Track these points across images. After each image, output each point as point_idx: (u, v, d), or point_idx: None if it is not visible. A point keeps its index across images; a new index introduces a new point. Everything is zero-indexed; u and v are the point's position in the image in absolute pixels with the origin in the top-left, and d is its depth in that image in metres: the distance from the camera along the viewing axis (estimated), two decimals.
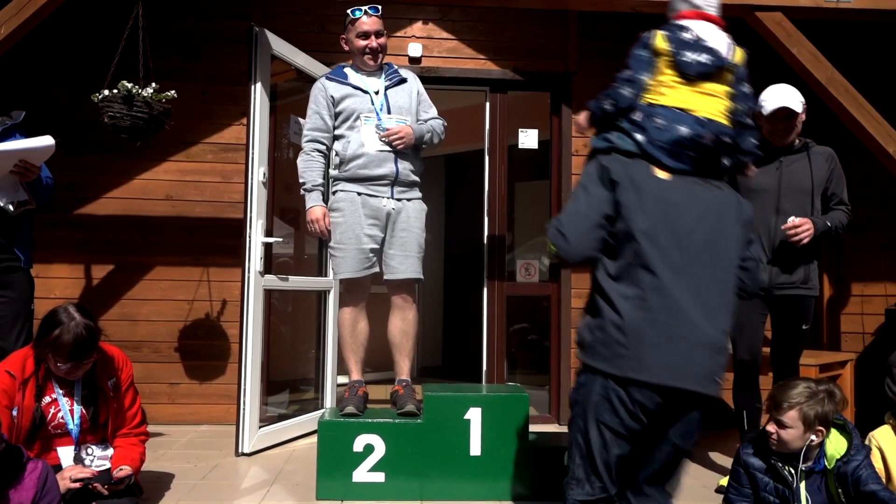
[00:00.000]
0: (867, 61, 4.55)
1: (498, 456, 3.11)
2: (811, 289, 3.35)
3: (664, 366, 2.01)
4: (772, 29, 3.71)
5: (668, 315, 2.03)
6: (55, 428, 2.70)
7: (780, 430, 2.52)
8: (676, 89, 2.18)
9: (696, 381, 2.04)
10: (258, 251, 3.83)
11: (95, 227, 4.55)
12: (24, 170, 3.20)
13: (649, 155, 2.15)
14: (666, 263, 2.05)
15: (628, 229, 2.07)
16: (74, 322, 2.61)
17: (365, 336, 3.35)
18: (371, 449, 3.11)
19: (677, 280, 2.04)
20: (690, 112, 2.16)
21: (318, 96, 3.35)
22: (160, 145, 4.49)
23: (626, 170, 2.13)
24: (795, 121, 3.32)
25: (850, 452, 2.52)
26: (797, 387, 2.55)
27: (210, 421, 4.54)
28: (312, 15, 4.68)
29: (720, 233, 2.13)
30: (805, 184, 3.33)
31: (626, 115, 2.20)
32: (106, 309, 4.53)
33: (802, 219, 3.22)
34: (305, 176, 3.32)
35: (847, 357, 4.21)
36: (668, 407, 2.05)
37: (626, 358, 2.02)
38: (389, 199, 3.28)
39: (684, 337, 2.03)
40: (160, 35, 4.48)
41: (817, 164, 3.36)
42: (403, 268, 3.29)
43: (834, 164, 3.40)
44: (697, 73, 2.18)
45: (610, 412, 2.06)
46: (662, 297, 2.03)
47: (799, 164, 3.36)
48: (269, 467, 3.60)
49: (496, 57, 4.85)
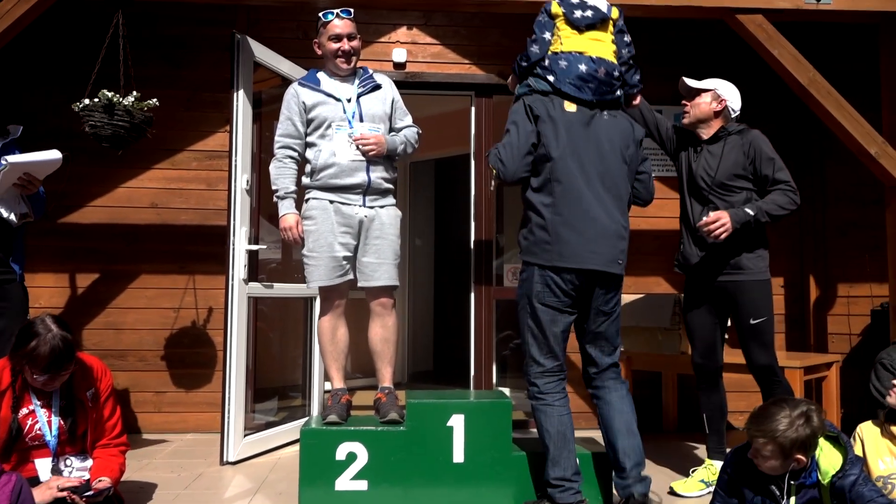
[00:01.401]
0: (848, 63, 4.57)
1: (481, 463, 3.10)
2: (745, 272, 3.25)
3: (577, 254, 2.75)
4: (752, 31, 3.72)
5: (575, 216, 2.76)
6: (32, 440, 2.69)
7: (760, 460, 2.47)
8: (571, 38, 2.88)
9: (601, 262, 2.79)
10: (242, 259, 3.82)
11: (80, 235, 4.55)
12: (27, 182, 3.22)
13: (560, 91, 2.83)
14: (572, 176, 2.78)
15: (546, 153, 2.79)
16: (51, 334, 2.59)
17: (345, 343, 3.33)
18: (354, 457, 3.09)
19: (581, 188, 2.77)
20: (585, 54, 2.86)
21: (291, 102, 3.30)
22: (145, 153, 4.48)
23: (544, 106, 2.82)
24: (691, 101, 3.39)
25: (846, 467, 2.45)
26: (773, 416, 2.42)
27: (197, 429, 4.53)
28: (296, 21, 4.68)
29: (614, 151, 2.86)
30: (713, 172, 3.30)
31: (537, 65, 2.88)
32: (91, 318, 4.53)
33: (717, 213, 3.16)
34: (278, 183, 3.29)
35: (833, 358, 4.21)
36: (586, 284, 2.80)
37: (551, 252, 2.76)
38: (362, 207, 3.26)
39: (589, 231, 2.76)
40: (144, 43, 4.48)
41: (732, 150, 3.30)
42: (378, 275, 3.26)
43: (755, 145, 3.28)
44: (585, 24, 2.88)
45: (549, 293, 2.78)
46: (571, 202, 2.77)
47: (712, 152, 3.35)
48: (254, 476, 3.58)
49: (481, 61, 4.85)
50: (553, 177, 2.79)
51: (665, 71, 4.64)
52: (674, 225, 4.85)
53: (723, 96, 3.37)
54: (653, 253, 4.86)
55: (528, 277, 2.83)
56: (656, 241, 4.85)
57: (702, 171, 3.34)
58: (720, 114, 3.38)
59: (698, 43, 4.95)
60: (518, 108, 2.89)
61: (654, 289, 4.79)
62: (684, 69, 4.90)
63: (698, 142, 3.42)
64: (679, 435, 4.57)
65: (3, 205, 3.24)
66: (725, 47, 4.81)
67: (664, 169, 4.88)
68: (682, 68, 4.91)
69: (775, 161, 3.26)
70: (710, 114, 3.37)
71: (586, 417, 4.75)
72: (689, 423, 4.73)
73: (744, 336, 3.30)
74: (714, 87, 3.38)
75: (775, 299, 4.89)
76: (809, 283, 4.86)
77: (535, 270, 2.80)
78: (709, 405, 3.41)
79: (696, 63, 4.92)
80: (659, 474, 3.65)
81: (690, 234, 3.39)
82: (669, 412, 4.70)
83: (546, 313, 2.80)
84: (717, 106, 3.36)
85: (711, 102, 3.36)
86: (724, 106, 3.37)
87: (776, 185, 3.24)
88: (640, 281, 4.82)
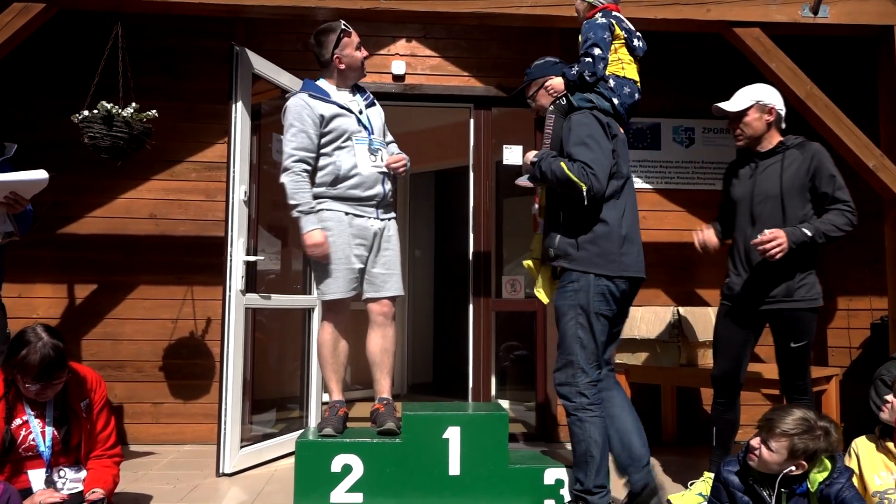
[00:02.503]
0: (846, 76, 4.57)
1: (477, 475, 3.09)
2: (798, 301, 3.09)
3: (636, 264, 2.97)
4: (750, 45, 3.73)
5: (635, 228, 3.00)
6: (26, 450, 2.68)
7: (763, 449, 2.48)
8: (631, 66, 3.08)
9: (643, 270, 3.03)
10: (239, 269, 3.82)
11: (79, 246, 4.55)
12: (13, 202, 3.22)
13: (620, 115, 3.01)
14: (631, 191, 3.03)
15: (618, 171, 2.95)
16: (42, 342, 2.59)
17: (346, 356, 3.33)
18: (349, 469, 3.08)
19: (629, 203, 3.00)
20: (636, 83, 3.07)
21: (303, 114, 3.22)
22: (144, 164, 4.49)
23: (614, 127, 2.97)
24: (739, 122, 3.20)
25: (833, 476, 2.47)
26: (795, 415, 2.45)
27: (195, 440, 4.51)
28: (295, 34, 4.70)
29: None
30: (774, 189, 3.12)
31: (600, 83, 3.00)
32: (89, 328, 4.52)
33: (773, 231, 2.99)
34: (297, 198, 3.20)
35: (833, 372, 4.18)
36: (630, 291, 2.99)
37: (618, 262, 2.89)
38: (376, 220, 3.30)
39: (637, 241, 3.00)
40: (144, 54, 4.50)
41: (791, 164, 3.12)
42: (388, 285, 3.30)
43: (816, 160, 3.08)
44: (642, 54, 3.13)
45: (604, 302, 2.88)
46: (633, 215, 3.01)
47: (772, 168, 3.16)
48: (250, 488, 3.57)
49: (480, 73, 4.86)
50: (621, 191, 2.96)
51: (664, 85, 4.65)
52: (673, 237, 4.87)
53: (768, 104, 3.18)
54: (652, 265, 4.83)
55: (583, 288, 2.87)
56: (656, 253, 4.84)
57: (759, 188, 3.17)
58: (773, 124, 3.20)
59: (695, 56, 4.96)
60: (591, 122, 2.91)
61: (653, 301, 4.78)
62: (683, 81, 4.94)
63: (748, 160, 3.26)
64: (678, 448, 4.54)
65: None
66: (721, 60, 4.83)
67: (662, 181, 4.89)
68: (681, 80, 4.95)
69: (836, 179, 3.08)
70: (765, 128, 3.19)
71: None
72: (687, 435, 4.71)
73: (781, 355, 3.20)
74: (756, 100, 3.18)
75: None
76: None
77: (590, 280, 2.86)
78: (721, 420, 3.31)
79: (695, 75, 4.95)
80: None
81: (743, 263, 3.23)
82: (668, 425, 4.67)
83: (600, 323, 2.88)
84: (769, 117, 3.18)
85: (762, 116, 3.18)
86: (775, 115, 3.19)
87: (835, 204, 3.06)
88: (640, 293, 4.78)
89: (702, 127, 4.97)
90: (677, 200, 4.90)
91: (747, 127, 3.21)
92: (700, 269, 4.88)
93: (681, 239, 4.86)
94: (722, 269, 4.85)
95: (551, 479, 3.12)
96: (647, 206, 4.85)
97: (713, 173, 4.92)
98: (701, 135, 4.97)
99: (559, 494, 3.11)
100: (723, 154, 4.92)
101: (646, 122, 4.92)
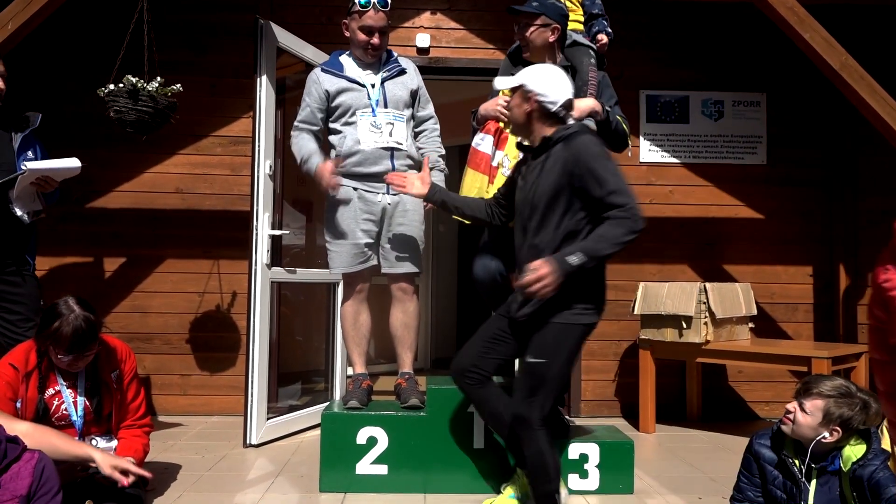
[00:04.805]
0: (881, 46, 4.45)
1: (501, 449, 3.09)
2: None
3: None
4: (783, 14, 3.63)
5: None
6: (59, 420, 2.73)
7: (798, 413, 2.45)
8: None
9: None
10: (265, 244, 3.84)
11: (106, 220, 4.60)
12: (44, 183, 3.27)
13: None
14: None
15: None
16: (74, 314, 2.63)
17: (367, 329, 3.33)
18: (374, 441, 3.11)
19: None
20: None
21: (312, 89, 3.27)
22: (170, 139, 4.51)
23: None
24: (512, 103, 2.65)
25: (868, 456, 2.42)
26: (835, 380, 2.45)
27: (221, 412, 4.58)
28: (320, 6, 4.67)
29: None
30: (536, 197, 2.55)
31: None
32: (118, 301, 4.59)
33: (538, 266, 2.37)
34: (301, 152, 3.24)
35: (862, 349, 4.12)
36: None
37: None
38: (385, 195, 3.24)
39: None
40: (169, 28, 4.50)
41: (552, 164, 2.51)
42: (400, 261, 3.26)
43: (574, 152, 2.46)
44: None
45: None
46: None
47: (536, 171, 2.59)
48: (276, 459, 3.62)
49: (505, 46, 4.75)
50: None
51: (693, 57, 4.54)
52: (700, 212, 4.81)
53: (532, 90, 2.56)
54: (677, 241, 4.80)
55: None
56: (681, 228, 4.79)
57: (528, 194, 2.62)
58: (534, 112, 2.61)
59: (725, 27, 4.85)
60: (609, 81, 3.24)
61: (678, 277, 4.73)
62: (713, 53, 4.84)
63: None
64: (703, 424, 4.52)
65: (19, 203, 3.31)
66: (751, 30, 4.72)
67: (690, 155, 4.82)
68: (711, 52, 4.85)
69: (602, 171, 2.43)
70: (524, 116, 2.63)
71: (609, 406, 4.73)
72: (713, 412, 4.68)
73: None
74: (522, 83, 2.59)
75: (804, 288, 4.83)
76: (839, 273, 4.76)
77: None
78: None
79: (725, 47, 4.84)
80: (695, 472, 3.62)
81: None
82: (693, 401, 4.65)
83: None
84: (527, 107, 2.60)
85: (522, 104, 2.61)
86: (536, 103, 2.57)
87: (610, 209, 2.40)
88: (665, 269, 4.76)
89: (731, 100, 4.87)
90: (705, 174, 4.83)
91: (519, 112, 2.64)
92: (727, 245, 4.82)
93: (708, 214, 4.80)
94: (750, 244, 4.84)
95: (575, 453, 3.12)
96: (675, 181, 4.79)
97: (743, 147, 4.83)
98: (731, 108, 4.87)
99: (583, 469, 3.11)
100: (753, 127, 4.83)
101: (674, 94, 4.84)
